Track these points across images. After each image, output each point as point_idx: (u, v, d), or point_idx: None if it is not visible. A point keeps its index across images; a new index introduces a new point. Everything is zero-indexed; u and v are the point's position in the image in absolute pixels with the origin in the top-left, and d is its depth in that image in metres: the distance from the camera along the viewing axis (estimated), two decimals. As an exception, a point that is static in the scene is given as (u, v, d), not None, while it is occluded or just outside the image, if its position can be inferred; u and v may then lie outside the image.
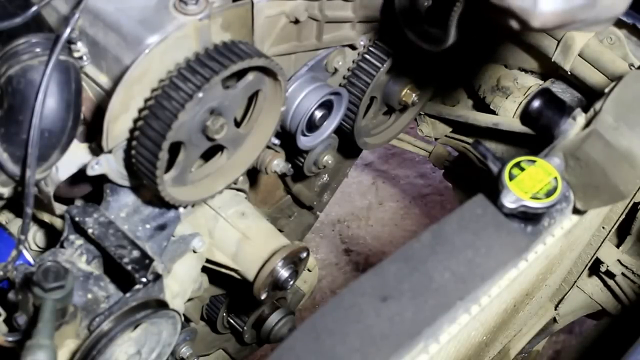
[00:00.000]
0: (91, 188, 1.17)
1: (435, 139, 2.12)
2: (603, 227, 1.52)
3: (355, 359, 0.74)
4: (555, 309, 1.80)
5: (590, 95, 1.60)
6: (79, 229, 1.09)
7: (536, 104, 0.96)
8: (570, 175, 0.91)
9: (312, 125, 1.29)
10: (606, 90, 0.95)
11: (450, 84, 1.95)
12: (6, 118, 0.94)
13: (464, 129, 1.99)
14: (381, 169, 3.61)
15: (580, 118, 0.95)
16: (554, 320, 1.85)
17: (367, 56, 1.33)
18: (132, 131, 0.98)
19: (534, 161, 0.88)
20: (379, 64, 1.33)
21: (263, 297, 1.25)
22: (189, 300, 1.34)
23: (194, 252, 1.22)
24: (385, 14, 1.30)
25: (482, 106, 1.85)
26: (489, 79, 1.81)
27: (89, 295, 1.05)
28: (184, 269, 1.22)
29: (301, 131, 1.29)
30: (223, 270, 1.30)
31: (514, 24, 0.83)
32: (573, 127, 0.94)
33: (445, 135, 2.08)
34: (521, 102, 1.75)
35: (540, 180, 0.86)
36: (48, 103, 0.93)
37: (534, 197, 0.84)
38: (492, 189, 0.87)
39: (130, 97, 0.96)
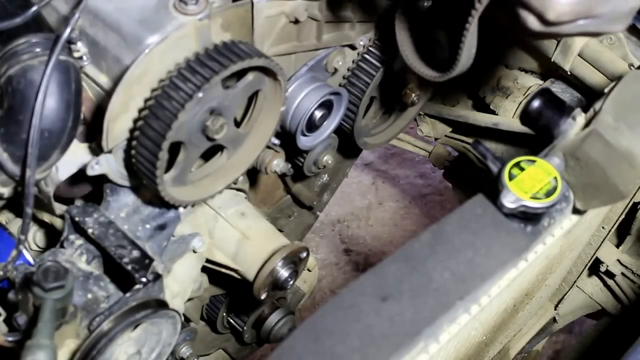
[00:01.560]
0: (91, 188, 1.17)
1: (435, 139, 2.12)
2: (603, 227, 1.52)
3: (355, 359, 0.74)
4: (555, 309, 1.80)
5: (590, 95, 1.60)
6: (79, 229, 1.09)
7: (536, 104, 0.96)
8: (570, 175, 0.91)
9: (312, 125, 1.29)
10: (606, 90, 0.95)
11: (450, 84, 1.95)
12: (6, 118, 0.94)
13: (464, 129, 1.99)
14: (381, 169, 3.61)
15: (580, 118, 0.95)
16: (554, 320, 1.85)
17: (367, 56, 1.33)
18: (132, 131, 0.98)
19: (533, 161, 0.88)
20: (379, 64, 1.33)
21: (263, 297, 1.25)
22: (189, 300, 1.34)
23: (194, 252, 1.22)
24: (385, 14, 1.30)
25: (482, 106, 1.85)
26: (489, 79, 1.81)
27: (89, 295, 1.05)
28: (184, 269, 1.22)
29: (301, 131, 1.29)
30: (223, 270, 1.30)
31: (531, 21, 0.82)
32: (573, 127, 0.94)
33: (445, 135, 2.08)
34: (521, 102, 1.75)
35: (540, 180, 0.86)
36: (48, 103, 0.93)
37: (534, 197, 0.84)
38: (492, 189, 0.87)
39: (130, 97, 0.96)
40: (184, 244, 1.20)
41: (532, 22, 0.82)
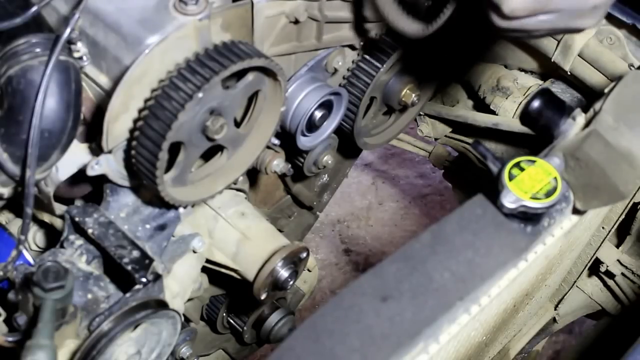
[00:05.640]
0: (91, 188, 1.17)
1: (435, 139, 2.12)
2: (603, 227, 1.52)
3: (355, 359, 0.74)
4: (555, 309, 1.80)
5: (590, 95, 1.60)
6: (79, 229, 1.09)
7: (536, 104, 0.96)
8: (570, 175, 0.91)
9: (312, 126, 1.29)
10: (606, 91, 0.95)
11: (450, 84, 1.95)
12: (6, 118, 0.94)
13: (464, 129, 1.99)
14: (381, 169, 3.61)
15: (580, 118, 0.95)
16: (554, 320, 1.85)
17: (366, 56, 1.33)
18: (132, 131, 0.98)
19: (533, 161, 0.88)
20: (378, 64, 1.33)
21: (263, 297, 1.25)
22: (189, 300, 1.34)
23: (194, 252, 1.22)
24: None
25: (482, 106, 1.85)
26: (489, 79, 1.81)
27: (89, 295, 1.05)
28: (184, 269, 1.22)
29: (301, 131, 1.29)
30: (223, 270, 1.30)
31: (493, 16, 0.83)
32: (573, 127, 0.94)
33: (445, 135, 2.08)
34: (521, 102, 1.75)
35: (540, 180, 0.86)
36: (48, 103, 0.93)
37: (534, 197, 0.84)
38: (492, 189, 0.87)
39: (130, 97, 0.96)
40: (184, 244, 1.20)
41: (494, 17, 0.83)
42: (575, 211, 0.94)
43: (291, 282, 1.27)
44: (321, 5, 1.19)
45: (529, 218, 0.87)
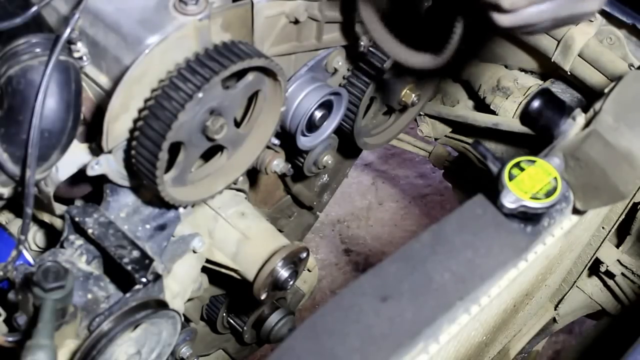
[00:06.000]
0: (91, 188, 1.17)
1: (435, 139, 2.12)
2: (603, 227, 1.52)
3: (355, 359, 0.74)
4: (555, 309, 1.80)
5: (590, 95, 1.60)
6: (79, 229, 1.09)
7: (536, 104, 0.96)
8: (570, 175, 0.91)
9: (312, 126, 1.29)
10: (606, 91, 0.95)
11: (450, 84, 1.95)
12: (6, 118, 0.94)
13: (464, 129, 1.99)
14: (381, 169, 3.61)
15: (580, 118, 0.95)
16: (554, 320, 1.85)
17: (367, 56, 1.33)
18: (132, 131, 0.98)
19: (533, 161, 0.88)
20: (378, 64, 1.33)
21: (263, 297, 1.25)
22: (189, 300, 1.34)
23: (194, 252, 1.22)
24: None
25: (482, 106, 1.85)
26: (489, 79, 1.81)
27: (89, 295, 1.05)
28: (184, 269, 1.22)
29: (301, 131, 1.29)
30: (223, 270, 1.30)
31: (495, 15, 0.82)
32: (573, 127, 0.94)
33: (445, 135, 2.08)
34: (521, 102, 1.75)
35: (540, 180, 0.86)
36: (48, 103, 0.93)
37: (534, 197, 0.84)
38: (492, 189, 0.87)
39: (130, 97, 0.96)
40: (184, 244, 1.20)
41: (496, 16, 0.82)
42: (575, 211, 0.94)
43: (291, 282, 1.27)
44: (321, 5, 1.19)
45: (529, 218, 0.87)
